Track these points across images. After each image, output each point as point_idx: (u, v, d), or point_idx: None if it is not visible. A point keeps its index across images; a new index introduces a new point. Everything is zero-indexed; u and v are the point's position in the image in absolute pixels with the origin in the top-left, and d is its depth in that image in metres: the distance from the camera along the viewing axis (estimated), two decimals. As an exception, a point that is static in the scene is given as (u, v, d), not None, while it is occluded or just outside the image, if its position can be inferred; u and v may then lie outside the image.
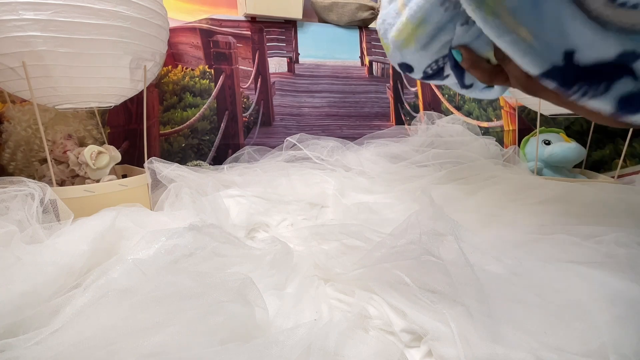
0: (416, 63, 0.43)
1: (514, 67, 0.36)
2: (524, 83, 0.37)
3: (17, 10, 0.53)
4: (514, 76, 0.38)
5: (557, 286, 0.36)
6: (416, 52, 0.41)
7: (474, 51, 0.38)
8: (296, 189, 0.81)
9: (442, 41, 0.39)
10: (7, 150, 0.74)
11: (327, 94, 1.18)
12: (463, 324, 0.34)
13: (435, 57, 0.42)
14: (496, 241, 0.42)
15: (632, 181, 0.90)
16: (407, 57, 0.43)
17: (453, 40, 0.38)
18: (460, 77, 0.42)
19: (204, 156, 1.04)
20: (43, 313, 0.36)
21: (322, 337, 0.33)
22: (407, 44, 0.41)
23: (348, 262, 0.47)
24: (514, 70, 0.37)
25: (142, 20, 0.63)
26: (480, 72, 0.39)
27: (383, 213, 0.69)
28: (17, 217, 0.50)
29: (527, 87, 0.38)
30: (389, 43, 0.44)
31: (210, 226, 0.52)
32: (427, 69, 0.44)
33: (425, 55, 0.41)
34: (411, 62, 0.44)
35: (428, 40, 0.39)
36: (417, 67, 0.44)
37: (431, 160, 0.94)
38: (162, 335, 0.30)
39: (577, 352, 0.30)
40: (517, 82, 0.38)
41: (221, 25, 1.06)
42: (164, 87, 1.01)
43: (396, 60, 0.45)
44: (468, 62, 0.39)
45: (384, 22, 0.44)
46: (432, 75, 0.46)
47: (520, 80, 0.37)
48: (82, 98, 0.66)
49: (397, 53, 0.44)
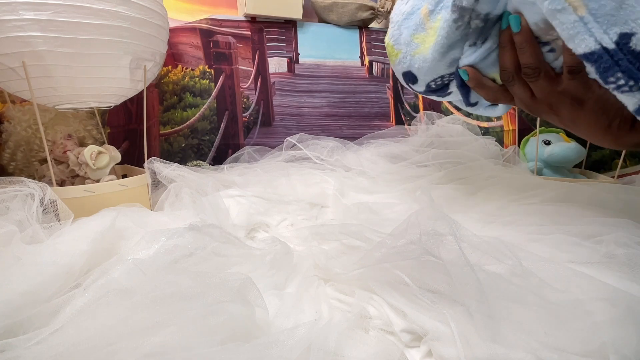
0: (422, 74, 0.44)
1: (519, 89, 0.38)
2: (528, 104, 0.39)
3: (17, 10, 0.53)
4: (519, 97, 0.39)
5: (557, 286, 0.36)
6: (425, 62, 0.42)
7: (480, 71, 0.39)
8: (296, 189, 0.81)
9: (450, 58, 0.40)
10: (7, 150, 0.74)
11: (327, 94, 1.18)
12: (463, 324, 0.34)
13: (441, 73, 0.43)
14: (496, 241, 0.42)
15: (632, 181, 0.90)
16: (415, 66, 0.43)
17: (460, 60, 0.40)
18: (466, 95, 0.43)
19: (204, 156, 1.04)
20: (43, 313, 0.36)
21: (322, 337, 0.33)
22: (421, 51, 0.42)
23: (348, 262, 0.47)
24: (519, 92, 0.38)
25: (142, 20, 0.63)
26: (485, 92, 0.40)
27: (383, 213, 0.69)
28: (17, 217, 0.50)
29: (531, 108, 0.39)
30: (400, 47, 0.45)
31: (210, 226, 0.52)
32: (431, 82, 0.45)
33: (433, 68, 0.42)
34: (417, 73, 0.44)
35: (440, 53, 0.40)
36: (421, 79, 0.45)
37: (431, 160, 0.94)
38: (162, 335, 0.30)
39: (577, 352, 0.30)
40: (521, 102, 0.39)
41: (221, 25, 1.06)
42: (164, 87, 1.01)
43: (403, 67, 0.46)
44: (474, 81, 0.40)
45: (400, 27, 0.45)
46: (435, 90, 0.46)
47: (524, 101, 0.39)
48: (82, 98, 0.66)
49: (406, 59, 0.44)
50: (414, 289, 0.39)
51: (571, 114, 0.36)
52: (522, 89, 0.38)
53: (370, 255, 0.44)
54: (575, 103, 0.35)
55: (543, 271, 0.38)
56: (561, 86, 0.35)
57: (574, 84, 0.33)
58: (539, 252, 0.43)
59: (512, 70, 0.37)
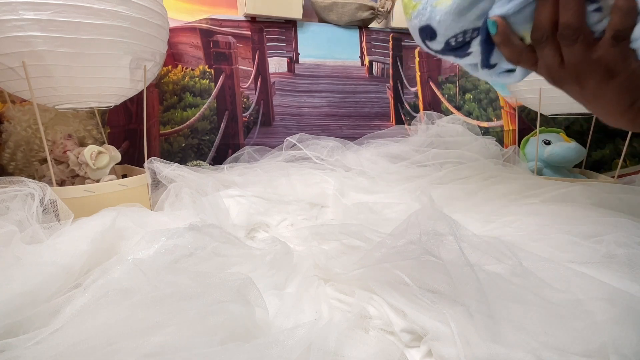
0: (443, 28, 0.39)
1: (549, 52, 0.34)
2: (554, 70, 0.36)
3: (17, 10, 0.53)
4: (546, 62, 0.35)
5: (557, 286, 0.36)
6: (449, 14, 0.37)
7: (511, 25, 0.35)
8: (296, 189, 0.81)
9: (480, 9, 0.35)
10: (7, 150, 0.74)
11: (327, 94, 1.18)
12: (463, 324, 0.34)
13: (465, 27, 0.38)
14: (496, 241, 0.42)
15: (632, 181, 0.90)
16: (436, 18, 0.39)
17: (492, 10, 0.35)
18: (487, 53, 0.39)
19: (204, 156, 1.04)
20: (43, 313, 0.36)
21: (322, 337, 0.33)
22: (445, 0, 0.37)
23: (348, 262, 0.47)
24: (548, 55, 0.35)
25: (142, 20, 0.63)
26: (510, 50, 0.36)
27: (383, 213, 0.69)
28: (17, 217, 0.50)
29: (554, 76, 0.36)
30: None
31: (210, 226, 0.52)
32: (452, 39, 0.40)
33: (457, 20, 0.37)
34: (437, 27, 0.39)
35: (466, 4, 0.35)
36: (441, 34, 0.40)
37: (431, 160, 0.94)
38: (162, 335, 0.30)
39: (577, 352, 0.30)
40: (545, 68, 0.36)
41: (221, 25, 1.06)
42: (164, 87, 1.01)
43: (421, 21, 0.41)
44: (502, 35, 0.35)
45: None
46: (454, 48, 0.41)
47: (550, 67, 0.36)
48: (82, 98, 0.66)
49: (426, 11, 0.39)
50: (414, 289, 0.39)
51: (597, 87, 0.33)
52: (552, 52, 0.34)
53: (370, 255, 0.44)
54: (607, 74, 0.32)
55: (543, 271, 0.38)
56: (597, 53, 0.32)
57: (613, 52, 0.31)
58: (539, 252, 0.43)
59: (548, 29, 0.33)
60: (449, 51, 0.42)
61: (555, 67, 0.35)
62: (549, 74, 0.36)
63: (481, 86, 1.24)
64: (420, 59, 1.28)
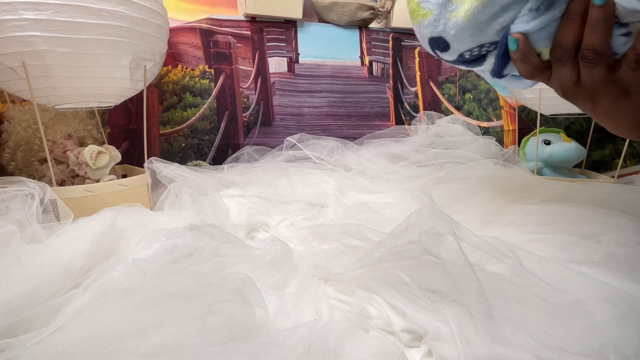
0: (457, 43, 0.36)
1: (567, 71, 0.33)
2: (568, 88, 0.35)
3: (17, 10, 0.53)
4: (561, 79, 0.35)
5: (557, 286, 0.36)
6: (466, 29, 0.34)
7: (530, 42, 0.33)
8: (296, 189, 0.81)
9: (500, 24, 0.33)
10: (7, 150, 0.74)
11: (327, 94, 1.18)
12: (463, 324, 0.34)
13: (482, 42, 0.35)
14: (496, 241, 0.42)
15: (632, 181, 0.90)
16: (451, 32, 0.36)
17: (514, 25, 0.33)
18: (502, 65, 0.37)
19: (204, 156, 1.04)
20: (43, 313, 0.36)
21: (322, 337, 0.33)
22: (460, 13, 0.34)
23: (348, 262, 0.47)
24: (565, 74, 0.34)
25: (142, 20, 0.63)
26: (527, 66, 0.35)
27: (383, 213, 0.69)
28: (17, 217, 0.50)
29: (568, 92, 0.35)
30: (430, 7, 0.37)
31: (210, 226, 0.52)
32: (466, 52, 0.37)
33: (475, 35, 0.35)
34: (451, 40, 0.37)
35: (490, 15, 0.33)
36: (454, 47, 0.37)
37: (431, 160, 0.94)
38: (162, 335, 0.30)
39: (577, 352, 0.30)
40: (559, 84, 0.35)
41: (221, 25, 1.06)
42: (164, 87, 1.01)
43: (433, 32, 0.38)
44: (521, 53, 0.34)
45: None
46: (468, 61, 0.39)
47: (564, 85, 0.35)
48: (82, 98, 0.66)
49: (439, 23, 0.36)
50: (414, 289, 0.39)
51: (611, 105, 0.33)
52: (570, 71, 0.33)
53: (370, 255, 0.44)
54: (622, 94, 0.32)
55: (543, 271, 0.38)
56: (615, 75, 0.31)
57: (632, 75, 0.30)
58: (539, 252, 0.43)
59: (570, 49, 0.32)
60: (461, 62, 0.40)
61: (569, 85, 0.34)
62: (562, 90, 0.36)
63: (481, 86, 1.24)
64: (420, 59, 1.28)
